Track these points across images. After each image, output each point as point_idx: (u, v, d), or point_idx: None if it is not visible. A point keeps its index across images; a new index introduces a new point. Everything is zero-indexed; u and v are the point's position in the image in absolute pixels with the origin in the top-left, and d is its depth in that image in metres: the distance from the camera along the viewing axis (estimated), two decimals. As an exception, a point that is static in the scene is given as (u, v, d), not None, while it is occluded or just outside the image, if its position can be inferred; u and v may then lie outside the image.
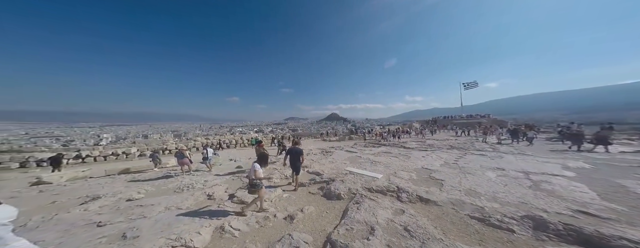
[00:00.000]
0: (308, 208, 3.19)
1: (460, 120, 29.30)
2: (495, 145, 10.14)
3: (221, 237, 2.32)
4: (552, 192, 3.51)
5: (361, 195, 3.64)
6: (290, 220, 2.85)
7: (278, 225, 2.73)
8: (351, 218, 2.74)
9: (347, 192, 3.85)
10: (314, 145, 13.84)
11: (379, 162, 6.65)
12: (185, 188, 4.31)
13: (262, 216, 2.84)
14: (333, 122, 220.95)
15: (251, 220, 2.69)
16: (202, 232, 2.25)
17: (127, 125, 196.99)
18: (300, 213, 3.02)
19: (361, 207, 3.06)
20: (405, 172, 5.23)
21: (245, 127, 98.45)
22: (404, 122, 50.01)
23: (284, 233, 2.50)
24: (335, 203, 3.54)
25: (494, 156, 7.08)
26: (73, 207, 3.34)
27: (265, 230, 2.59)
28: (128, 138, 46.11)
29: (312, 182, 4.61)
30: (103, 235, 2.17)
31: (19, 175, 7.94)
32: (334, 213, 3.13)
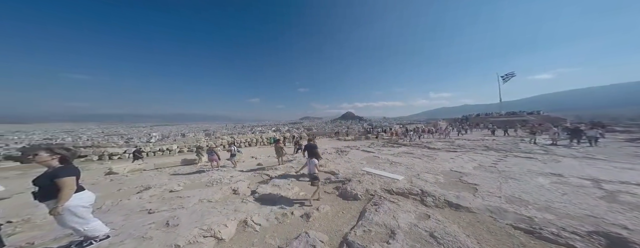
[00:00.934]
0: (324, 208, 3.21)
1: (498, 117, 25.45)
2: (549, 146, 8.52)
3: (244, 231, 2.51)
4: (637, 206, 2.76)
5: (380, 196, 3.50)
6: (306, 218, 2.91)
7: (295, 223, 2.82)
8: (369, 220, 2.66)
9: (364, 193, 3.74)
10: (328, 145, 13.71)
11: (399, 163, 6.27)
12: (214, 182, 4.80)
13: (281, 213, 2.97)
14: (348, 121, 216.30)
15: (270, 217, 2.84)
16: (228, 224, 2.47)
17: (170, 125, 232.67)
18: (316, 212, 3.05)
19: (380, 209, 2.95)
20: (431, 175, 4.80)
21: (264, 126, 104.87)
22: (427, 120, 45.57)
23: (301, 231, 2.56)
24: (352, 203, 3.48)
25: (547, 159, 5.99)
26: (132, 195, 4.07)
27: (283, 227, 2.70)
28: (170, 137, 54.13)
29: (327, 181, 4.61)
30: (152, 221, 2.58)
31: (98, 166, 10.01)
32: (350, 214, 3.08)
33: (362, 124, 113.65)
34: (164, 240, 2.06)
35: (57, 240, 2.14)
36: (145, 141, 24.52)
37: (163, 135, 69.73)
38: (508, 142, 10.38)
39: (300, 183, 4.59)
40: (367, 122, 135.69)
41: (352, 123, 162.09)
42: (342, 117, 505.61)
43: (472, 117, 28.84)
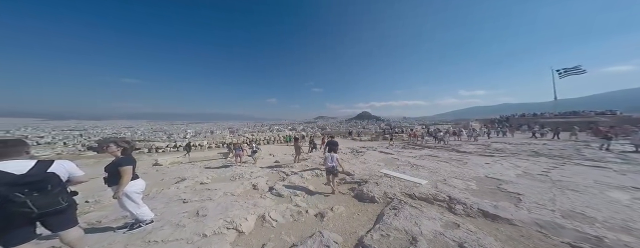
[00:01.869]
0: (338, 208, 3.17)
1: (550, 118, 21.28)
2: (631, 154, 6.85)
3: (262, 226, 2.64)
4: None
5: (400, 200, 3.30)
6: (320, 217, 2.91)
7: (309, 221, 2.85)
8: (387, 224, 2.53)
9: (382, 196, 3.57)
10: (343, 145, 13.63)
11: (422, 166, 5.79)
12: (237, 177, 5.19)
13: (296, 210, 3.04)
14: (364, 121, 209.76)
15: (286, 214, 2.93)
16: (248, 218, 2.64)
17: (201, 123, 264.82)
18: (330, 212, 3.03)
19: (400, 214, 2.77)
20: (460, 181, 4.31)
21: (281, 125, 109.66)
22: (455, 120, 40.57)
23: (315, 230, 2.57)
24: (368, 206, 3.36)
25: (626, 170, 4.81)
26: (171, 185, 4.70)
27: (298, 225, 2.75)
28: (201, 134, 61.02)
29: (342, 181, 4.55)
30: (186, 210, 2.92)
31: (147, 157, 11.84)
32: (366, 217, 2.98)
33: (379, 123, 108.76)
34: (194, 228, 2.30)
35: (116, 221, 2.61)
36: (182, 137, 28.30)
37: (196, 132, 78.78)
38: (567, 147, 8.62)
39: (315, 182, 4.62)
40: (385, 122, 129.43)
41: (368, 123, 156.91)
42: (357, 116, 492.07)
43: (515, 117, 24.77)
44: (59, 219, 1.60)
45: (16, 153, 1.51)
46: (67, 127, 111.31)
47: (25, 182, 1.42)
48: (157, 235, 2.15)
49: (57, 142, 44.74)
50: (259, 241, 2.30)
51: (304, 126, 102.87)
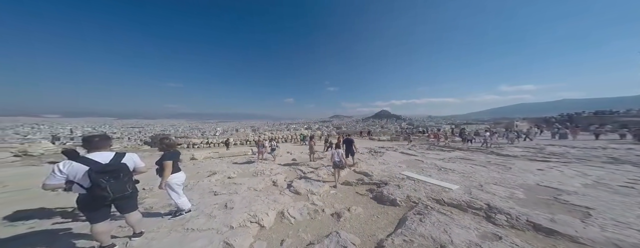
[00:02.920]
0: (355, 209, 3.09)
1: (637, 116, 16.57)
2: None
3: (281, 221, 2.76)
4: None
5: (426, 205, 3.05)
6: (337, 217, 2.89)
7: (325, 220, 2.85)
8: (411, 230, 2.36)
9: (404, 199, 3.36)
10: (360, 144, 13.20)
11: (452, 169, 5.22)
12: (259, 173, 5.54)
13: (313, 209, 3.08)
14: (382, 120, 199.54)
15: (304, 211, 3.00)
16: (269, 213, 2.78)
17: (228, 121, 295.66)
18: (347, 212, 2.98)
19: (426, 220, 2.57)
20: (501, 187, 3.74)
21: (298, 124, 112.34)
22: (494, 120, 34.51)
23: (332, 229, 2.56)
24: (389, 209, 3.20)
25: None
26: (204, 178, 5.29)
27: (315, 223, 2.78)
28: (228, 131, 67.54)
29: (359, 182, 4.42)
30: (216, 202, 3.24)
31: (186, 152, 13.62)
32: (386, 220, 2.85)
33: (400, 123, 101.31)
34: (223, 220, 2.55)
35: (164, 207, 3.08)
36: (213, 134, 31.72)
37: (224, 130, 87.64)
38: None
39: (331, 180, 4.58)
40: (407, 121, 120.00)
41: (387, 122, 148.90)
42: (375, 115, 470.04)
43: (582, 116, 19.98)
44: (126, 203, 1.97)
45: (103, 146, 1.88)
46: (130, 125, 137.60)
47: (107, 171, 1.76)
48: (193, 223, 2.45)
49: (124, 138, 55.76)
50: (278, 236, 2.41)
51: (319, 125, 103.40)
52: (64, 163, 1.67)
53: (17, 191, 4.48)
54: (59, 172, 1.63)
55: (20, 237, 2.25)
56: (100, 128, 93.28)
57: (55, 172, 1.63)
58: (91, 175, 1.66)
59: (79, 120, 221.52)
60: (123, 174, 1.84)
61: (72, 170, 1.67)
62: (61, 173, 1.64)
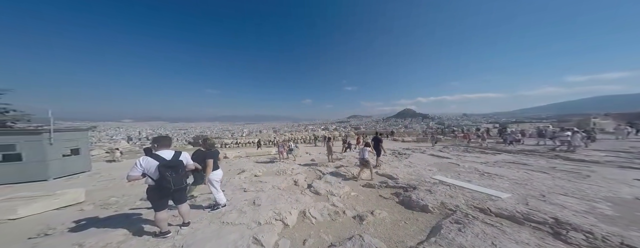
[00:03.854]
0: (380, 213, 2.94)
1: None
2: None
3: (303, 221, 2.84)
4: None
5: (465, 214, 2.70)
6: (359, 220, 2.80)
7: (347, 223, 2.79)
8: (448, 240, 2.12)
9: (438, 206, 3.03)
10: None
11: (500, 175, 4.48)
12: (281, 172, 5.81)
13: (333, 210, 3.05)
14: (406, 119, 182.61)
15: (324, 212, 3.00)
16: (292, 212, 2.90)
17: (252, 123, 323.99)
18: (371, 216, 2.85)
19: (467, 230, 2.27)
20: (575, 199, 3.05)
21: (315, 125, 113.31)
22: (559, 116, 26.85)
23: (354, 232, 2.49)
24: (419, 215, 2.94)
25: None
26: (235, 175, 5.87)
27: (336, 225, 2.76)
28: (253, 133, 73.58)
29: (383, 185, 4.18)
30: (246, 198, 3.55)
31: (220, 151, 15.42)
32: (416, 227, 2.63)
33: (428, 122, 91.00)
34: (252, 215, 2.77)
35: (204, 201, 3.55)
36: (240, 135, 34.97)
37: (249, 131, 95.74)
38: None
39: (351, 183, 4.49)
40: (436, 120, 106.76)
41: (412, 121, 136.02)
42: (397, 114, 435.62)
43: None
44: (180, 195, 2.33)
45: (167, 145, 2.30)
46: (178, 127, 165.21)
47: (170, 166, 2.13)
48: (228, 217, 2.74)
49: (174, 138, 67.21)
50: (300, 235, 2.48)
51: (337, 125, 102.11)
52: (143, 158, 2.10)
53: (109, 180, 5.89)
54: (139, 165, 2.05)
55: (109, 217, 2.95)
56: (158, 131, 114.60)
57: (136, 165, 2.05)
58: (160, 169, 2.05)
59: (143, 124, 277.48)
60: (181, 169, 2.21)
61: (147, 164, 2.08)
62: (141, 166, 2.06)
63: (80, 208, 3.55)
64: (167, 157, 2.16)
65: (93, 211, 3.36)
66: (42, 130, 6.34)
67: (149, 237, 2.23)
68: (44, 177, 6.10)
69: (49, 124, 6.55)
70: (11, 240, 2.34)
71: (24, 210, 3.20)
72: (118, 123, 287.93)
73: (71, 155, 6.98)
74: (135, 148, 17.16)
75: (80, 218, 2.88)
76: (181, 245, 2.08)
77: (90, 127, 10.23)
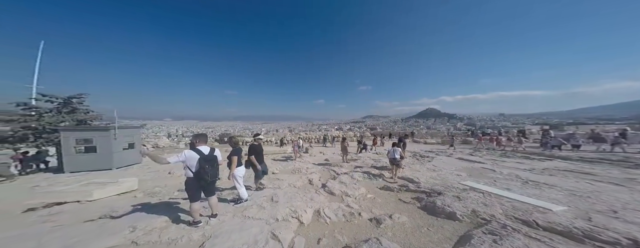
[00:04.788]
0: (399, 217, 2.79)
1: None
2: None
3: (317, 220, 2.87)
4: None
5: (503, 225, 2.40)
6: (376, 223, 2.70)
7: (363, 225, 2.73)
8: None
9: (468, 214, 2.76)
10: None
11: (550, 184, 3.85)
12: (296, 171, 5.98)
13: (348, 211, 3.00)
14: (429, 120, 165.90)
15: (339, 213, 2.98)
16: (307, 211, 2.96)
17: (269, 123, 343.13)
18: (389, 219, 2.73)
19: (504, 242, 2.02)
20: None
21: (328, 125, 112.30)
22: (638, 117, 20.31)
23: (370, 235, 2.42)
24: (444, 222, 2.71)
25: None
26: None
27: (351, 226, 2.71)
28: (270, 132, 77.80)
29: (403, 188, 3.96)
30: (264, 195, 3.75)
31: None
32: (441, 234, 2.43)
33: (455, 123, 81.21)
34: (270, 211, 2.93)
35: (229, 194, 3.88)
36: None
37: (267, 130, 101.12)
38: None
39: (368, 185, 4.37)
40: (464, 121, 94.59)
41: (435, 122, 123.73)
42: (418, 114, 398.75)
43: None
44: (212, 187, 2.61)
45: (205, 141, 2.60)
46: (206, 126, 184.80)
47: (208, 159, 2.41)
48: (249, 211, 2.95)
49: None
50: (315, 234, 2.52)
51: (351, 126, 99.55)
52: (188, 151, 2.42)
53: (154, 172, 6.92)
54: (183, 155, 2.37)
55: (154, 205, 3.45)
56: (191, 129, 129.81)
57: (181, 154, 2.38)
58: (200, 162, 2.35)
59: (179, 122, 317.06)
60: (215, 163, 2.49)
61: (190, 156, 2.38)
62: (183, 157, 2.37)
63: (134, 195, 4.27)
64: (206, 152, 2.45)
65: (143, 198, 4.00)
66: (109, 127, 7.69)
67: (184, 225, 2.55)
68: (110, 166, 7.47)
69: (114, 122, 7.95)
70: (87, 218, 2.96)
71: (97, 194, 3.99)
72: (160, 121, 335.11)
73: (128, 148, 8.39)
74: (174, 144, 19.83)
75: (134, 204, 3.45)
76: (210, 234, 2.32)
77: (142, 124, 12.03)
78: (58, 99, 8.61)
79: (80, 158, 7.22)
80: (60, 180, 5.77)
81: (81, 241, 2.18)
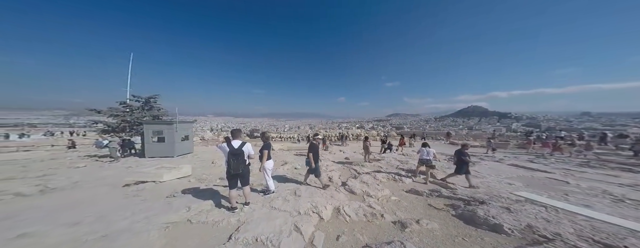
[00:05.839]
0: (427, 223, 2.58)
1: None
2: None
3: (337, 218, 2.92)
4: None
5: (572, 247, 1.90)
6: (400, 226, 2.57)
7: (385, 227, 2.63)
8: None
9: (520, 229, 2.37)
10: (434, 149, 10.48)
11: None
12: (318, 167, 6.08)
13: (370, 211, 2.93)
14: (472, 119, 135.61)
15: (359, 212, 2.95)
16: (327, 207, 3.05)
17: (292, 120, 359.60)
18: (416, 224, 2.56)
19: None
20: None
21: (349, 123, 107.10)
22: None
23: (394, 238, 2.33)
24: (485, 234, 2.39)
25: None
26: (279, 166, 6.70)
27: (372, 227, 2.66)
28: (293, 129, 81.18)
29: (434, 194, 3.59)
30: (289, 188, 4.03)
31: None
32: (479, 246, 2.18)
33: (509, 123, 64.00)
34: (293, 205, 3.14)
35: (258, 186, 4.33)
36: (283, 130, 39.50)
37: (290, 127, 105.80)
38: None
39: (393, 186, 4.13)
40: (524, 121, 73.89)
41: (481, 121, 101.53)
42: (457, 112, 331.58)
43: None
44: (243, 178, 2.98)
45: (238, 136, 2.97)
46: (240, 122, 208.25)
47: (235, 153, 2.77)
48: (275, 203, 3.24)
49: None
50: (334, 231, 2.58)
51: (374, 124, 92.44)
52: (223, 144, 2.85)
53: (202, 160, 8.33)
54: (219, 147, 2.88)
55: (203, 190, 4.19)
56: (229, 124, 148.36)
57: (218, 145, 2.90)
58: (228, 155, 2.74)
59: (219, 118, 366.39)
60: (240, 157, 2.82)
61: (223, 149, 2.82)
62: (220, 149, 2.87)
63: (188, 180, 5.27)
64: (235, 146, 2.80)
65: (195, 183, 4.90)
66: (172, 121, 9.55)
67: (224, 210, 3.02)
68: (172, 154, 9.39)
69: (175, 117, 9.90)
70: (159, 196, 3.85)
71: (166, 176, 5.11)
72: (205, 117, 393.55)
73: (185, 140, 10.32)
74: (215, 137, 23.23)
75: (189, 187, 4.29)
76: (244, 220, 2.69)
77: (193, 120, 14.42)
78: (142, 98, 11.03)
79: (155, 147, 9.27)
80: (142, 163, 7.62)
81: (157, 214, 2.87)
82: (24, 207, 3.29)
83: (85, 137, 19.87)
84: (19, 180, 5.01)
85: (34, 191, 4.07)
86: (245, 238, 2.22)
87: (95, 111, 10.03)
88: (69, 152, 11.30)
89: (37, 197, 3.86)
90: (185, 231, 2.51)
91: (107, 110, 10.04)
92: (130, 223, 2.59)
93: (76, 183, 4.74)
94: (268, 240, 2.20)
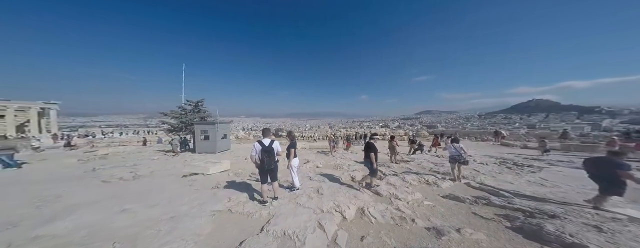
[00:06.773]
0: (471, 233, 2.29)
1: None
2: None
3: (361, 218, 2.87)
4: None
5: None
6: (436, 233, 2.35)
7: (416, 232, 2.45)
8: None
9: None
10: (474, 150, 9.02)
11: None
12: (338, 167, 6.10)
13: (398, 215, 2.77)
14: (534, 116, 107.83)
15: (386, 214, 2.81)
16: (350, 207, 3.03)
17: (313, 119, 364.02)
18: (455, 233, 2.30)
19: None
20: None
21: (372, 122, 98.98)
22: None
23: (427, 245, 2.16)
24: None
25: None
26: (302, 164, 6.89)
27: (401, 231, 2.51)
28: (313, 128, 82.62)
29: (480, 201, 3.12)
30: (311, 186, 4.16)
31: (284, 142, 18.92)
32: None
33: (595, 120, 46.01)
34: (317, 202, 3.25)
35: (285, 182, 4.61)
36: (304, 129, 40.40)
37: (311, 126, 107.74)
38: None
39: (424, 189, 3.80)
40: (626, 117, 52.05)
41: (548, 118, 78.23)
42: (512, 108, 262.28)
43: None
44: (273, 174, 3.25)
45: (268, 135, 3.30)
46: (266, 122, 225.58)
47: (266, 150, 3.07)
48: (300, 199, 3.42)
49: None
50: (358, 231, 2.56)
51: (400, 123, 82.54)
52: (255, 143, 3.16)
53: (237, 157, 9.44)
54: (254, 148, 3.16)
55: (239, 183, 4.75)
56: (258, 124, 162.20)
57: (253, 148, 3.13)
58: (260, 152, 3.04)
59: (249, 119, 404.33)
60: (272, 154, 3.10)
61: (257, 147, 3.12)
62: (254, 149, 3.15)
63: (228, 174, 6.08)
64: (266, 144, 3.09)
65: (232, 177, 5.62)
66: (214, 122, 11.16)
67: (257, 203, 3.37)
68: (214, 151, 10.99)
69: (216, 118, 11.59)
70: (207, 186, 4.58)
71: (211, 170, 6.04)
72: (238, 118, 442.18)
73: (223, 138, 11.90)
74: (246, 135, 25.87)
75: (229, 180, 4.95)
76: (273, 213, 2.95)
77: (230, 120, 16.39)
78: (193, 102, 13.16)
79: (203, 144, 11.02)
80: (194, 158, 9.20)
81: (205, 203, 3.45)
82: (124, 188, 4.47)
83: (156, 135, 25.46)
84: (121, 168, 6.78)
85: (129, 177, 5.47)
86: (275, 231, 2.44)
87: (163, 114, 12.42)
88: (144, 147, 14.70)
89: (131, 181, 5.17)
90: (227, 219, 2.93)
91: (169, 112, 12.32)
92: (188, 209, 3.20)
93: (152, 172, 6.12)
94: (294, 234, 2.35)
